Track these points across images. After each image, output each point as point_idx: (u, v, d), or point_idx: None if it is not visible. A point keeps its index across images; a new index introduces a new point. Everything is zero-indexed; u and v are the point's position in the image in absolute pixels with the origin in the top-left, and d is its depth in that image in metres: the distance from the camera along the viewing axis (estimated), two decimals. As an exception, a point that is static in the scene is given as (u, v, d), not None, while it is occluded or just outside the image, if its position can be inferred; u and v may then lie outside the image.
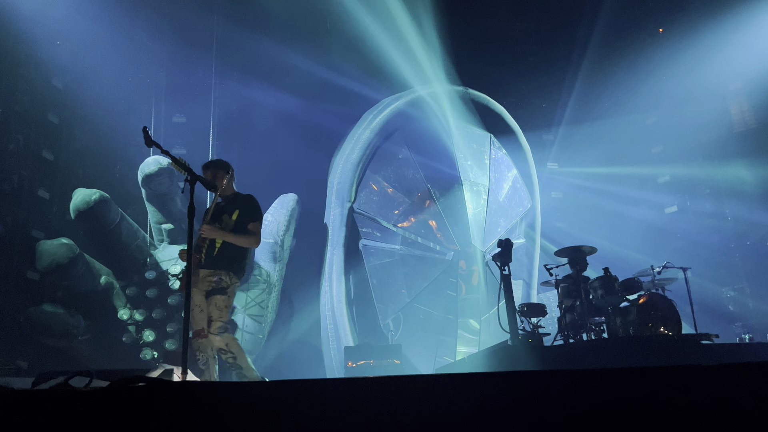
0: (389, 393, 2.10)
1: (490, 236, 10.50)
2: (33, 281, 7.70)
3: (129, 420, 1.88)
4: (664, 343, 6.08)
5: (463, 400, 2.10)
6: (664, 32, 11.12)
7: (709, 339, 6.10)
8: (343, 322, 9.15)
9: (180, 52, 9.70)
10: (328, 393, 2.07)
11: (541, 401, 2.11)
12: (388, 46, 9.82)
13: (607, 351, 6.00)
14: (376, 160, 10.25)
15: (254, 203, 5.26)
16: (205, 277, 4.97)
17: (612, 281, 6.89)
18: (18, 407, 1.97)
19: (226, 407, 1.95)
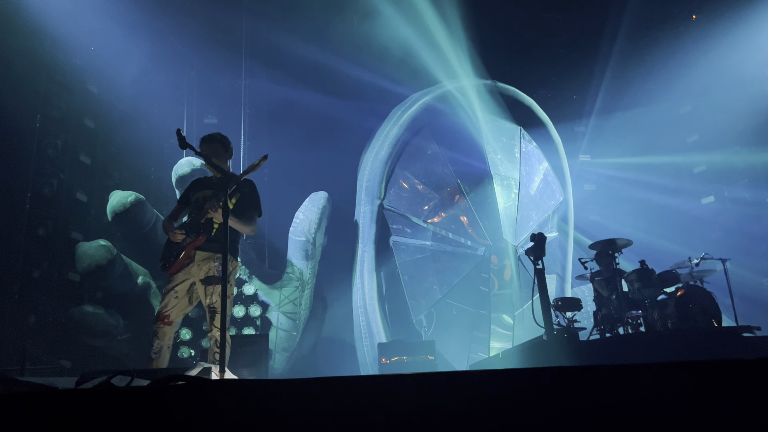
0: (425, 390, 2.10)
1: (522, 230, 10.41)
2: (74, 282, 7.90)
3: (169, 418, 1.92)
4: (704, 337, 5.95)
5: (497, 396, 2.09)
6: (698, 18, 10.85)
7: (751, 331, 5.94)
8: (376, 318, 9.18)
9: (210, 54, 9.82)
10: (365, 390, 2.08)
11: (577, 397, 2.09)
12: (415, 41, 9.79)
13: (645, 345, 5.90)
14: (405, 157, 10.24)
15: (257, 191, 4.75)
16: (203, 261, 4.48)
17: (649, 274, 6.78)
18: (64, 406, 2.02)
19: (265, 405, 1.97)
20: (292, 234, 9.08)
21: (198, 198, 4.61)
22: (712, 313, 6.47)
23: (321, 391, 2.05)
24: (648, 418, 2.01)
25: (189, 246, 4.44)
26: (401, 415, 1.97)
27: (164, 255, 4.57)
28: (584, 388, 2.14)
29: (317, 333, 9.50)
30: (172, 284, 4.45)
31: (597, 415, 2.01)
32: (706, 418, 2.02)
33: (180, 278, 4.46)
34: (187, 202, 4.69)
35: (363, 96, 9.88)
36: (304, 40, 9.51)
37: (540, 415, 1.98)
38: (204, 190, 4.68)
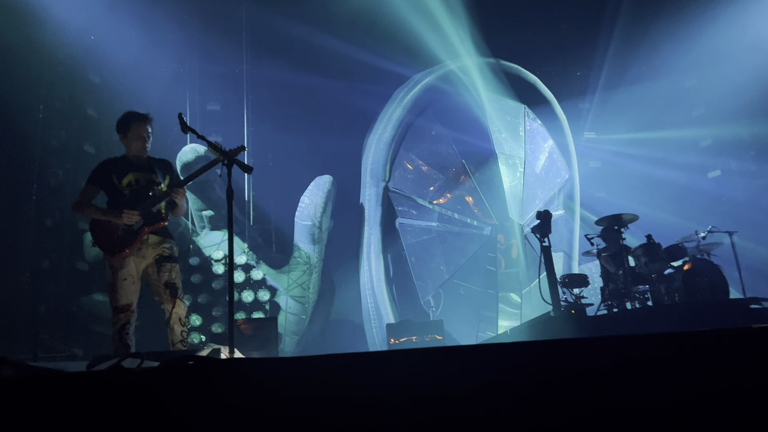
0: (432, 363, 2.12)
1: (528, 209, 10.39)
2: (82, 272, 7.97)
3: (180, 396, 1.94)
4: (712, 309, 5.95)
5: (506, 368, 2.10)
6: (702, -11, 10.71)
7: (759, 303, 5.94)
8: (384, 300, 9.22)
9: (211, 40, 9.79)
10: (373, 366, 2.10)
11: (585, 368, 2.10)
12: (417, 21, 9.71)
13: (653, 319, 5.91)
14: (409, 138, 10.21)
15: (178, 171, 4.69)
16: (156, 244, 4.44)
17: (655, 248, 6.77)
18: (75, 388, 2.05)
19: (273, 382, 2.00)
20: (298, 218, 9.10)
21: (131, 182, 4.43)
22: (720, 286, 6.47)
23: (328, 368, 2.07)
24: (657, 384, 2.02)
25: (147, 230, 4.36)
26: (409, 390, 1.98)
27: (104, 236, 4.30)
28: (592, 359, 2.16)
29: (326, 316, 9.57)
30: (126, 270, 4.32)
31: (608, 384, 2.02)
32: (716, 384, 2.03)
33: (131, 263, 4.36)
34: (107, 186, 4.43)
35: (365, 78, 9.84)
36: (305, 23, 9.44)
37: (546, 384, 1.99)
38: (132, 172, 4.46)
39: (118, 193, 4.38)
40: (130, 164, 4.48)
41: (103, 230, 4.29)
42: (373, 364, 2.13)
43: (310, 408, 1.92)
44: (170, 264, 4.43)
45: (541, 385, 2.02)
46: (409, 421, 1.90)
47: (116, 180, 4.39)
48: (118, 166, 4.46)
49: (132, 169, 4.45)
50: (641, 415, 1.93)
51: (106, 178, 4.41)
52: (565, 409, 1.94)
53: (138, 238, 4.30)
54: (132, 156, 4.50)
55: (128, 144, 4.50)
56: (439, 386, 2.00)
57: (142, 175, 4.46)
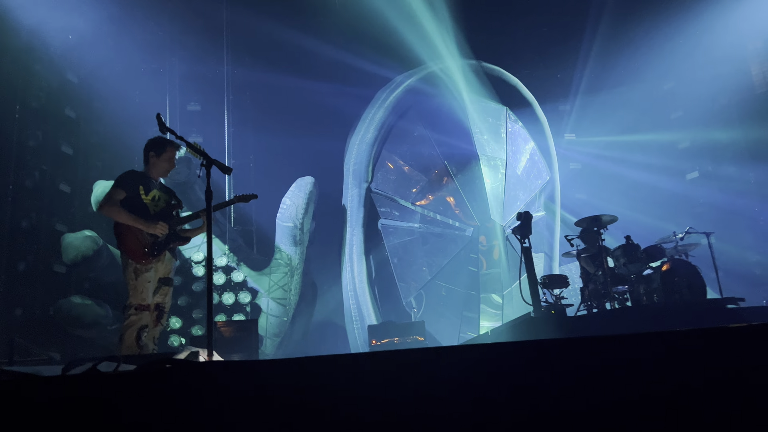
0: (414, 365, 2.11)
1: (510, 210, 10.45)
2: (60, 274, 7.85)
3: (157, 400, 1.92)
4: (690, 310, 6.02)
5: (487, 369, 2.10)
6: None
7: (735, 303, 6.03)
8: (366, 301, 9.21)
9: (191, 40, 9.71)
10: (354, 368, 2.09)
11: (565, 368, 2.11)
12: (399, 23, 9.72)
13: (631, 319, 5.97)
14: (391, 139, 10.22)
15: None
16: (168, 261, 4.73)
17: (634, 249, 6.83)
18: (49, 392, 2.02)
19: (253, 384, 1.98)
20: (279, 220, 9.06)
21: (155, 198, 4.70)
22: (698, 287, 6.55)
23: (309, 371, 2.06)
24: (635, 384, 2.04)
25: (175, 244, 4.73)
26: (391, 391, 1.98)
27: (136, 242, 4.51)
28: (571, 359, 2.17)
29: (308, 317, 9.53)
30: (150, 274, 4.56)
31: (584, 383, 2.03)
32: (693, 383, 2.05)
33: (152, 270, 4.59)
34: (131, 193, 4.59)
35: (347, 79, 9.83)
36: (286, 24, 9.40)
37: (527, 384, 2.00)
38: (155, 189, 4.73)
39: (141, 205, 4.61)
40: (152, 182, 4.77)
41: (135, 237, 4.51)
42: (355, 366, 2.12)
43: (290, 411, 1.90)
44: (167, 288, 4.73)
45: (522, 384, 2.02)
46: (391, 422, 1.89)
47: (143, 192, 4.64)
48: (144, 180, 4.71)
49: (155, 187, 4.76)
50: (619, 414, 1.95)
51: (134, 187, 4.63)
52: (545, 409, 1.95)
53: (165, 250, 4.64)
54: (153, 176, 4.79)
55: (156, 164, 4.76)
56: (420, 388, 2.00)
57: (163, 195, 4.77)
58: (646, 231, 8.69)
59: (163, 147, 4.74)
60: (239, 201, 4.87)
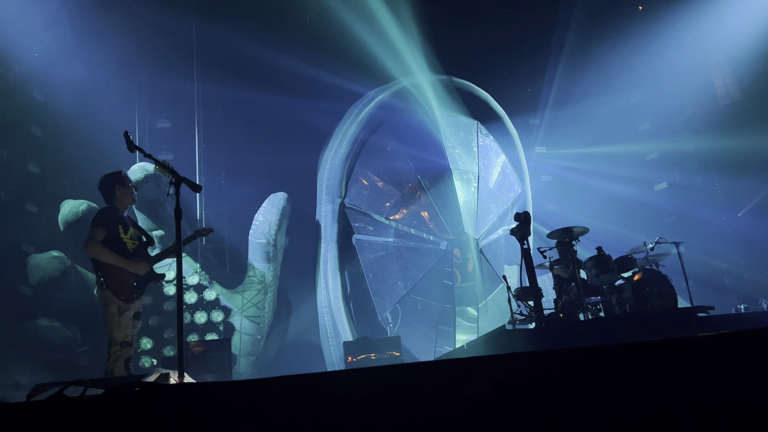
0: (389, 382, 2.09)
1: (483, 223, 10.51)
2: (26, 296, 7.65)
3: (124, 424, 1.86)
4: (661, 318, 6.10)
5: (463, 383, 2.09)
6: (644, 10, 11.13)
7: (705, 311, 6.12)
8: (341, 317, 9.15)
9: (160, 57, 9.63)
10: (330, 386, 2.06)
11: (538, 380, 2.11)
12: (369, 39, 9.77)
13: (605, 329, 6.01)
14: (364, 154, 10.22)
15: None
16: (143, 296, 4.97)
17: (606, 260, 6.91)
18: (13, 420, 1.95)
19: (224, 406, 1.94)
20: (252, 236, 8.97)
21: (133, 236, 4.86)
22: (669, 296, 6.64)
23: (284, 390, 2.03)
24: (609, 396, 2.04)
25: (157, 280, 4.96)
26: (364, 409, 1.95)
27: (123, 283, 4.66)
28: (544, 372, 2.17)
29: (282, 335, 9.41)
30: (130, 311, 4.71)
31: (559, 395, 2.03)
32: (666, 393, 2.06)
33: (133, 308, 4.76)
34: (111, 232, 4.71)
35: (319, 95, 9.82)
36: (257, 40, 9.38)
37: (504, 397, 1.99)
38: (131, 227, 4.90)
39: (121, 244, 4.73)
40: (125, 219, 4.91)
41: (120, 276, 4.64)
42: (331, 384, 2.09)
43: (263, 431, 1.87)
44: (137, 321, 4.88)
45: (499, 397, 2.02)
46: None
47: (122, 231, 4.78)
48: (121, 219, 4.84)
49: (129, 224, 4.90)
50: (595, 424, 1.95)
51: (113, 225, 4.74)
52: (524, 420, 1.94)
53: (145, 287, 4.83)
54: (122, 210, 4.91)
55: (122, 197, 4.88)
56: (397, 404, 1.98)
57: (135, 231, 4.92)
58: (617, 242, 8.81)
59: (123, 179, 4.90)
60: (199, 236, 5.08)
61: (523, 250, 6.20)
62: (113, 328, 4.61)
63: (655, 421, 1.98)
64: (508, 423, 1.92)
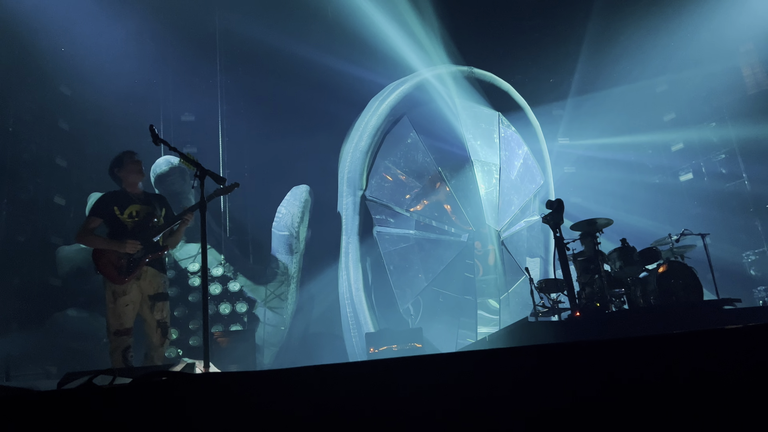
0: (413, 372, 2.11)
1: (504, 215, 10.45)
2: (56, 287, 7.82)
3: (152, 413, 1.90)
4: (686, 311, 6.03)
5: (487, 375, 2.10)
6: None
7: (732, 304, 6.04)
8: (363, 309, 9.19)
9: (184, 50, 9.72)
10: (353, 376, 2.08)
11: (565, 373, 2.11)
12: (390, 30, 9.75)
13: (629, 321, 5.97)
14: (385, 146, 10.21)
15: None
16: (153, 276, 4.73)
17: (630, 252, 6.84)
18: (45, 408, 2.00)
19: (249, 395, 1.97)
20: (275, 229, 9.04)
21: (132, 213, 4.73)
22: (694, 288, 6.55)
23: (303, 381, 2.05)
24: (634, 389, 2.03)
25: (151, 257, 4.67)
26: (389, 400, 1.97)
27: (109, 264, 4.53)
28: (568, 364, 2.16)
29: (305, 326, 9.50)
30: (129, 296, 4.58)
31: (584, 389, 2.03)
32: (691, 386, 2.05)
33: (134, 291, 4.61)
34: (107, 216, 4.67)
35: (340, 87, 9.83)
36: (279, 33, 9.42)
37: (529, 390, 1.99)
38: (132, 204, 4.76)
39: (120, 224, 4.66)
40: (129, 197, 4.80)
41: (107, 259, 4.55)
42: (354, 374, 2.11)
43: (289, 422, 1.89)
44: (162, 303, 4.73)
45: (522, 390, 2.02)
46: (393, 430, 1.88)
47: (118, 212, 4.68)
48: (119, 199, 4.76)
49: (132, 202, 4.77)
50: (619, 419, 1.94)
51: (107, 210, 4.69)
52: (547, 415, 1.95)
53: (139, 266, 4.60)
54: (129, 190, 4.83)
55: (125, 177, 4.83)
56: (420, 395, 1.99)
57: (142, 208, 4.78)
58: (642, 233, 8.71)
59: (121, 160, 4.85)
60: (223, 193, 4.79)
61: (556, 239, 6.12)
62: (108, 315, 4.56)
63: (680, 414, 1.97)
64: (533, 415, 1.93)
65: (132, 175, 4.83)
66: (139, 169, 4.89)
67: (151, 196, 4.96)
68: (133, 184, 4.85)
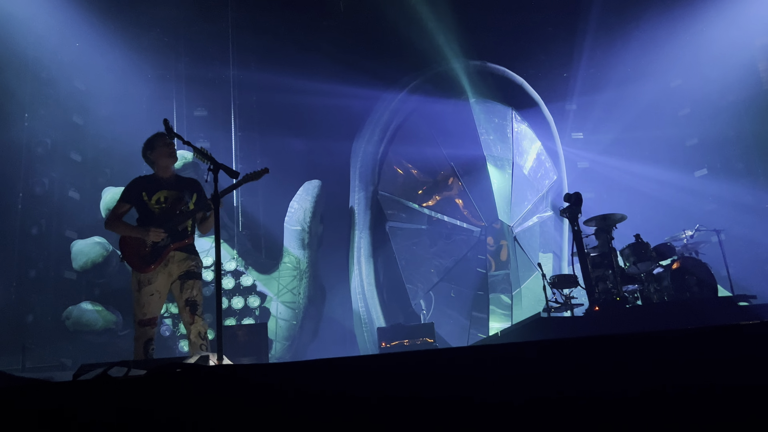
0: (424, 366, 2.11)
1: (517, 211, 10.42)
2: (70, 280, 7.90)
3: (167, 405, 1.92)
4: (701, 307, 5.98)
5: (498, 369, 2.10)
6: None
7: (747, 300, 5.99)
8: (374, 304, 9.20)
9: (197, 45, 9.75)
10: (364, 370, 2.09)
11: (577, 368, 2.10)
12: (403, 25, 9.72)
13: (643, 317, 5.93)
14: (397, 141, 10.20)
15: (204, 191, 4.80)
16: (182, 260, 4.54)
17: (644, 247, 6.80)
18: (61, 398, 2.03)
19: (263, 387, 1.98)
20: (287, 223, 9.07)
21: (160, 199, 4.55)
22: (708, 284, 6.51)
23: (319, 374, 2.06)
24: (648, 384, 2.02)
25: (173, 246, 4.49)
26: (399, 392, 1.97)
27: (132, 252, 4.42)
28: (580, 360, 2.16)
29: (317, 321, 9.53)
30: (154, 285, 4.44)
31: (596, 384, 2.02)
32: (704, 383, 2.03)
33: (161, 279, 4.47)
34: (138, 203, 4.53)
35: (353, 82, 9.82)
36: (292, 27, 9.43)
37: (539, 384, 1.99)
38: (161, 190, 4.58)
39: (148, 211, 4.50)
40: (159, 183, 4.60)
41: (131, 247, 4.41)
42: (365, 368, 2.11)
43: (301, 414, 1.90)
44: (193, 281, 4.53)
45: (534, 384, 2.02)
46: (403, 425, 1.89)
47: (146, 197, 4.51)
48: (148, 184, 4.58)
49: (162, 187, 4.58)
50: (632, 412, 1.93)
51: (137, 195, 4.53)
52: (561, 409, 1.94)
53: (164, 254, 4.43)
54: (161, 175, 4.63)
55: (157, 161, 4.61)
56: (431, 389, 1.99)
57: (171, 193, 4.58)
58: (656, 229, 8.64)
59: (152, 142, 4.61)
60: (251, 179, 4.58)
61: (574, 232, 6.09)
62: (133, 303, 4.45)
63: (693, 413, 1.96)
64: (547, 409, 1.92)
65: (163, 159, 4.59)
66: (171, 152, 4.63)
67: (183, 181, 4.73)
68: (165, 168, 4.62)
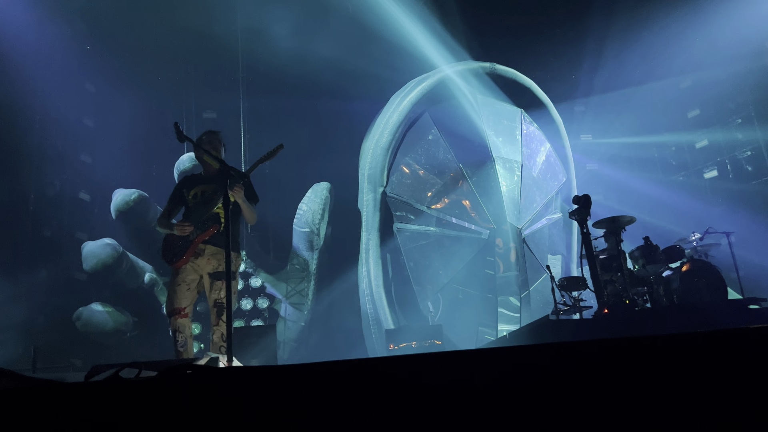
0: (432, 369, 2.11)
1: (526, 213, 10.39)
2: (81, 282, 7.95)
3: (177, 406, 1.93)
4: (710, 310, 5.95)
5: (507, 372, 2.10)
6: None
7: (757, 303, 5.95)
8: (383, 305, 9.20)
9: (206, 48, 9.80)
10: (373, 372, 2.10)
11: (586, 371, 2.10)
12: (411, 27, 9.73)
13: (652, 320, 5.91)
14: (405, 143, 10.20)
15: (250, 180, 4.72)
16: (212, 255, 4.50)
17: (653, 250, 6.77)
18: (73, 399, 2.04)
19: (273, 390, 1.99)
20: (296, 225, 9.09)
21: (197, 194, 4.62)
22: (718, 287, 6.47)
23: (327, 375, 2.07)
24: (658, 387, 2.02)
25: (199, 238, 4.48)
26: (409, 395, 1.98)
27: (167, 248, 4.52)
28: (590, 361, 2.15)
29: (325, 322, 9.54)
30: (182, 276, 4.47)
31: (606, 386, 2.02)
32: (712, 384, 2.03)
33: (189, 270, 4.50)
34: (180, 201, 4.64)
35: (362, 84, 9.83)
36: (299, 29, 9.46)
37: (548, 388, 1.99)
38: (199, 185, 4.66)
39: (186, 206, 4.63)
40: (201, 178, 4.72)
41: (168, 243, 4.52)
42: (373, 370, 2.12)
43: (309, 416, 1.91)
44: (221, 282, 4.48)
45: (543, 388, 2.02)
46: (411, 428, 1.89)
47: (186, 193, 4.64)
48: (191, 180, 4.72)
49: (201, 182, 4.68)
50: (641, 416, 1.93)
51: (178, 193, 4.68)
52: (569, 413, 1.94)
53: (191, 247, 4.46)
54: (205, 171, 4.74)
55: (199, 159, 4.78)
56: (439, 392, 2.00)
57: (209, 187, 4.63)
58: (665, 231, 8.62)
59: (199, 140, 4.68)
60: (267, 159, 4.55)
61: (583, 234, 6.07)
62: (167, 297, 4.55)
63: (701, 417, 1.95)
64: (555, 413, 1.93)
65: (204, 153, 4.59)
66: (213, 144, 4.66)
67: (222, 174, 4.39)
68: (207, 164, 4.71)
